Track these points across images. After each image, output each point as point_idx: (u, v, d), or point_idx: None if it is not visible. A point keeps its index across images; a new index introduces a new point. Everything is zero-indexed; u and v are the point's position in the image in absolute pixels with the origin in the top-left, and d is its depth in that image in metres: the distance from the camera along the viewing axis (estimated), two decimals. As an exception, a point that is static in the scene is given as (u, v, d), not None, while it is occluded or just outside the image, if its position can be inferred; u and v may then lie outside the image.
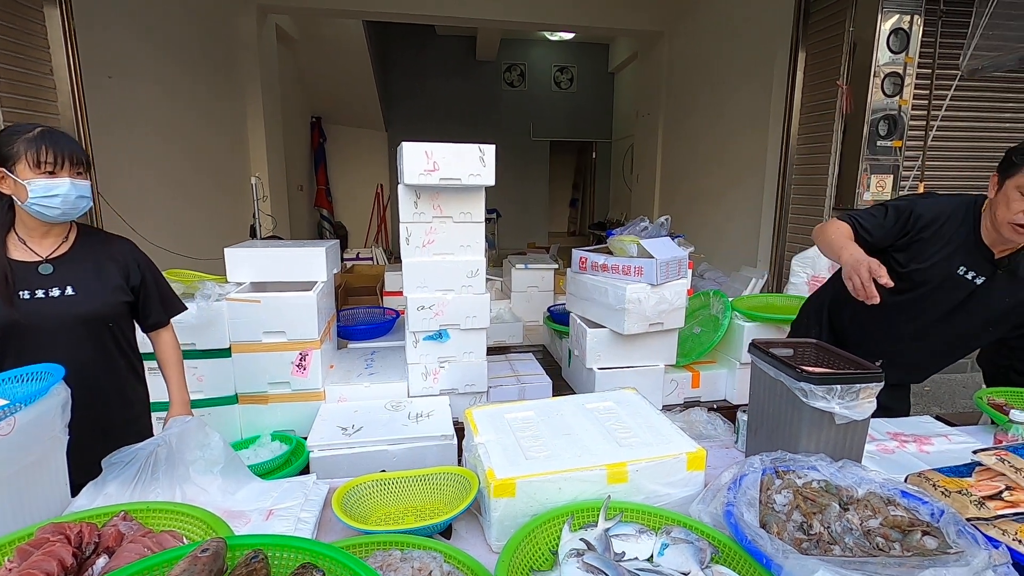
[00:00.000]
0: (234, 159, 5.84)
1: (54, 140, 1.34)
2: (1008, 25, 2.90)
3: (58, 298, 1.37)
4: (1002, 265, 1.52)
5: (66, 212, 1.36)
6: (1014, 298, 1.54)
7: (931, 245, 1.56)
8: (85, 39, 3.20)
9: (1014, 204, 1.40)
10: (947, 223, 1.55)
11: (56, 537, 0.88)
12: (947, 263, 1.55)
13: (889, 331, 1.68)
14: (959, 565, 0.81)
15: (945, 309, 1.58)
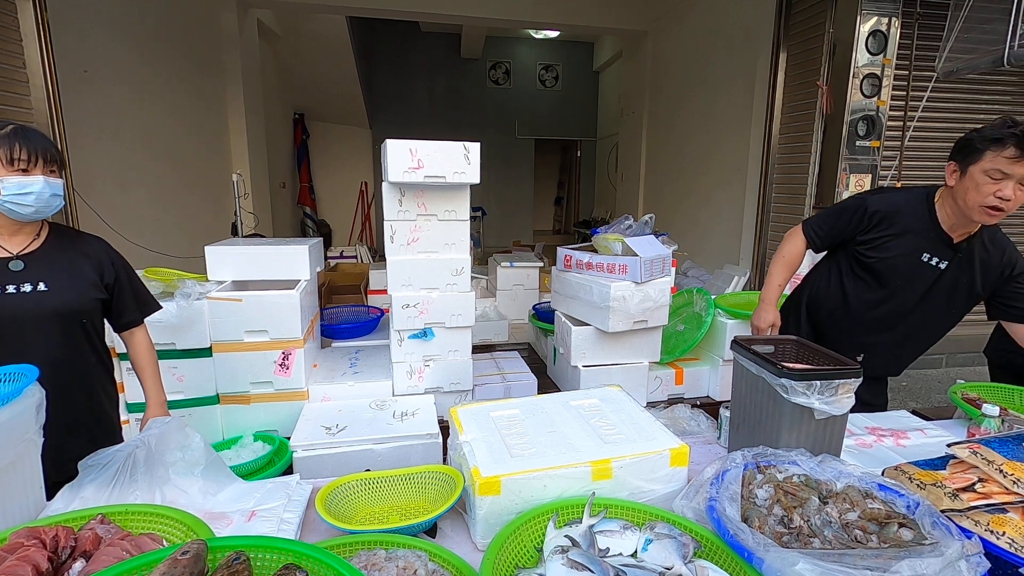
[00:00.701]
0: (215, 156, 5.75)
1: (27, 137, 1.32)
2: (982, 28, 2.97)
3: (29, 293, 1.35)
4: (961, 249, 1.60)
5: (39, 210, 1.34)
6: (970, 277, 1.63)
7: (894, 237, 1.64)
8: (60, 32, 3.12)
9: (984, 188, 1.46)
10: (905, 214, 1.65)
11: (31, 542, 0.86)
12: (912, 252, 1.63)
13: (864, 323, 1.73)
14: (934, 556, 0.83)
15: (914, 296, 1.65)
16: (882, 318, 1.71)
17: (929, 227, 1.61)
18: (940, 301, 1.66)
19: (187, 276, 2.33)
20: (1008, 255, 1.63)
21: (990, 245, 1.63)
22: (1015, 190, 1.44)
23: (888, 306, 1.69)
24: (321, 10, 6.56)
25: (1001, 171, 1.44)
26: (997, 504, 1.01)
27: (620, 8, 6.83)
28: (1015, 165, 1.42)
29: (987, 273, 1.62)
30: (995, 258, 1.62)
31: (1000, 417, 1.45)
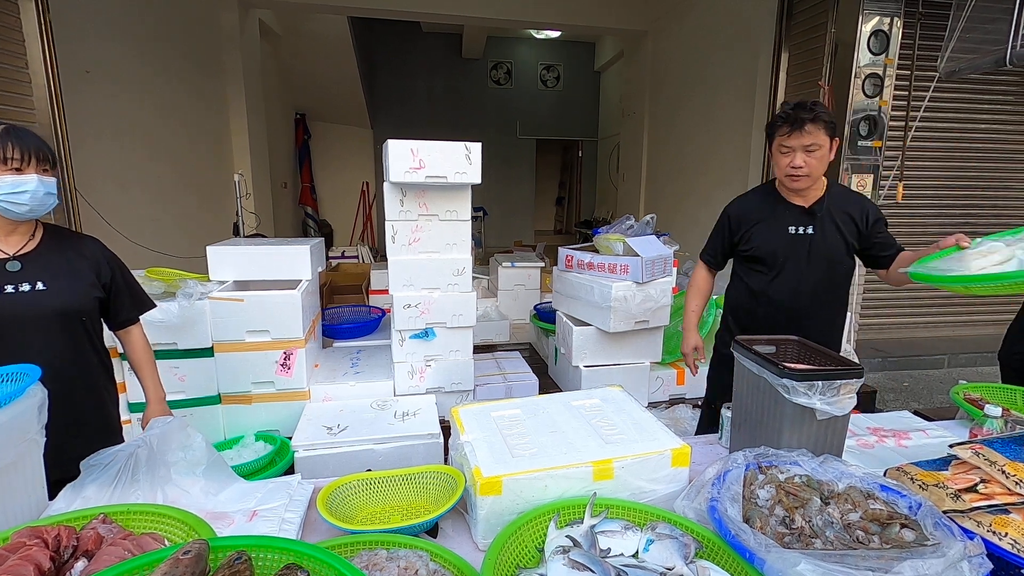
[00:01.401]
0: (216, 156, 5.75)
1: (20, 137, 1.32)
2: (984, 28, 2.96)
3: (28, 293, 1.36)
4: (816, 211, 1.80)
5: (34, 209, 1.34)
6: (839, 233, 1.81)
7: (756, 225, 1.86)
8: (61, 33, 3.12)
9: (781, 161, 1.75)
10: (757, 206, 1.89)
11: (33, 541, 0.86)
12: (779, 230, 1.83)
13: (774, 305, 1.87)
14: (935, 556, 0.83)
15: (800, 265, 1.83)
16: (786, 294, 1.85)
17: (782, 205, 1.84)
18: (824, 262, 1.82)
19: (189, 276, 2.33)
20: (863, 206, 1.84)
21: (845, 202, 1.83)
22: (803, 158, 1.70)
23: (784, 281, 1.84)
24: (322, 10, 6.56)
25: (785, 146, 1.72)
26: (999, 505, 1.01)
27: (621, 8, 6.83)
28: (792, 139, 1.70)
29: (850, 225, 1.81)
30: (853, 211, 1.82)
31: (1002, 418, 1.45)
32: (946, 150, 4.46)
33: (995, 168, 4.57)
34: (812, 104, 1.70)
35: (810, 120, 1.67)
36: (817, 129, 1.68)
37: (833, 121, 1.71)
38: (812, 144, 1.69)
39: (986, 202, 4.63)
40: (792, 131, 1.69)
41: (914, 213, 4.51)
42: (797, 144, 1.70)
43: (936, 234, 4.57)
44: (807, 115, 1.67)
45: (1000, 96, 4.46)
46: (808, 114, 1.67)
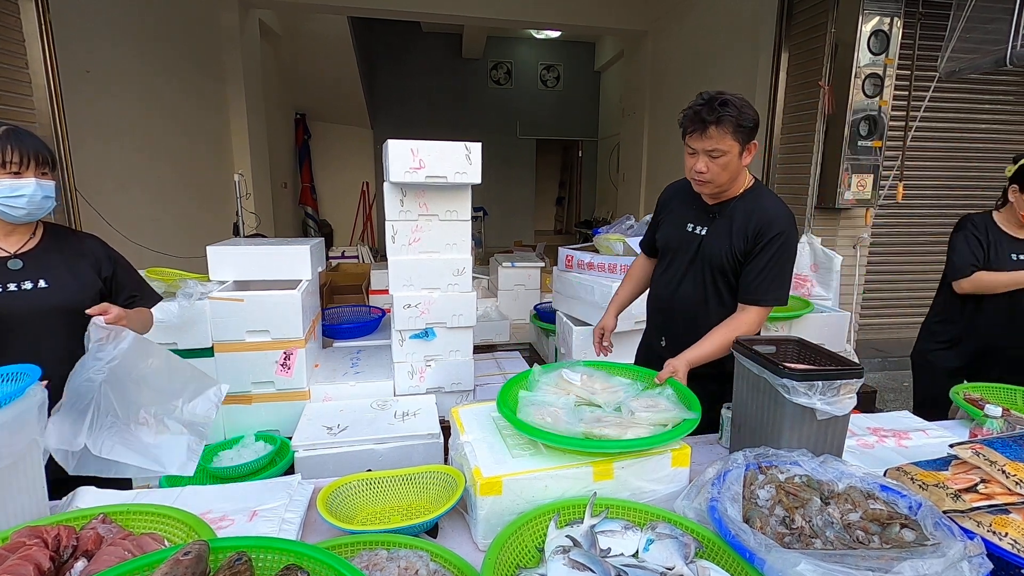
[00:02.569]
0: (216, 156, 5.76)
1: (20, 139, 1.32)
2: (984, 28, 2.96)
3: (31, 291, 1.36)
4: (714, 212, 1.66)
5: (31, 213, 1.35)
6: (728, 240, 1.62)
7: (669, 214, 1.79)
8: (61, 32, 3.12)
9: (687, 162, 1.58)
10: (678, 194, 1.79)
11: (32, 541, 0.86)
12: (679, 223, 1.74)
13: (659, 299, 1.80)
14: (935, 556, 0.83)
15: (684, 261, 1.72)
16: (668, 290, 1.75)
17: (693, 200, 1.71)
18: (706, 267, 1.66)
19: (189, 276, 2.33)
20: (762, 223, 1.56)
21: (751, 211, 1.60)
22: (706, 163, 1.52)
23: (668, 277, 1.75)
24: (322, 10, 6.57)
25: (691, 147, 1.54)
26: (999, 505, 1.01)
27: (621, 8, 6.83)
28: (695, 141, 1.51)
29: (740, 237, 1.59)
30: (751, 224, 1.58)
31: (1003, 418, 1.45)
32: (946, 150, 4.46)
33: (995, 168, 4.57)
34: (721, 103, 1.45)
35: (713, 123, 1.45)
36: (722, 133, 1.46)
37: (748, 124, 1.48)
38: (715, 150, 1.49)
39: (986, 202, 4.62)
40: (695, 131, 1.50)
41: (914, 213, 4.51)
42: (700, 147, 1.51)
43: (936, 234, 4.57)
44: (710, 117, 1.45)
45: (1000, 96, 4.46)
46: (711, 116, 1.45)
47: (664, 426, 1.25)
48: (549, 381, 1.42)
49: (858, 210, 4.11)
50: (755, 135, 1.54)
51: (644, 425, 1.24)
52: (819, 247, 3.78)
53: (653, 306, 1.85)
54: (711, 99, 1.47)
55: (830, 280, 3.68)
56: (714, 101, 1.46)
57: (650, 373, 1.52)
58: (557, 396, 1.35)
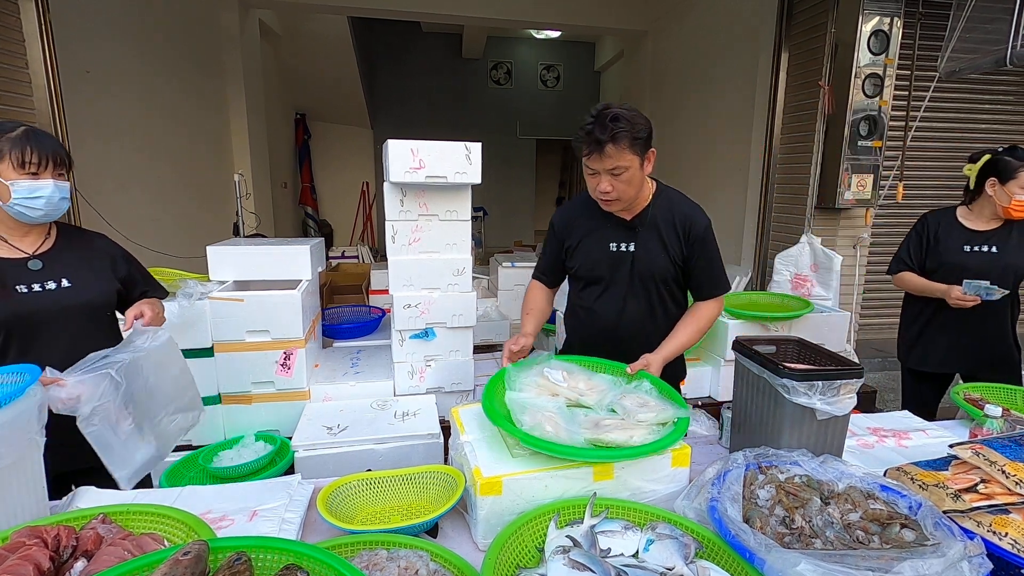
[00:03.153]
0: (216, 156, 5.75)
1: (39, 140, 1.33)
2: (985, 28, 2.96)
3: (55, 290, 1.38)
4: (635, 226, 1.61)
5: (48, 214, 1.36)
6: (660, 248, 1.61)
7: (580, 244, 1.66)
8: (61, 33, 3.12)
9: (590, 183, 1.53)
10: (580, 218, 1.67)
11: (32, 541, 0.86)
12: (600, 245, 1.64)
13: (604, 323, 1.69)
14: (935, 556, 0.83)
15: (622, 283, 1.64)
16: (612, 314, 1.67)
17: (604, 218, 1.63)
18: (648, 283, 1.63)
19: (189, 276, 2.33)
20: (690, 219, 1.62)
21: (672, 213, 1.62)
22: (609, 182, 1.48)
23: (609, 301, 1.66)
24: (322, 10, 6.56)
25: (591, 168, 1.49)
26: (999, 505, 1.01)
27: (621, 8, 6.83)
28: (595, 162, 1.46)
29: (674, 240, 1.61)
30: (679, 224, 1.61)
31: (1002, 418, 1.45)
32: (946, 150, 4.45)
33: (995, 168, 4.57)
34: (613, 119, 1.40)
35: (609, 141, 1.41)
36: (619, 150, 1.42)
37: (643, 135, 1.46)
38: (616, 167, 1.45)
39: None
40: (592, 152, 1.44)
41: (914, 213, 4.48)
42: (600, 167, 1.46)
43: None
44: (604, 136, 1.40)
45: (1001, 96, 4.45)
46: (605, 134, 1.40)
47: (663, 425, 1.25)
48: (528, 380, 1.39)
49: (858, 210, 4.11)
50: (651, 143, 1.52)
51: (645, 426, 1.24)
52: (819, 247, 3.77)
53: (596, 335, 1.71)
54: (600, 116, 1.42)
55: (830, 280, 3.68)
56: (604, 118, 1.41)
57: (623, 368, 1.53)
58: (545, 398, 1.34)
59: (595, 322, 1.70)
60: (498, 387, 1.36)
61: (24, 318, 1.33)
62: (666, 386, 1.43)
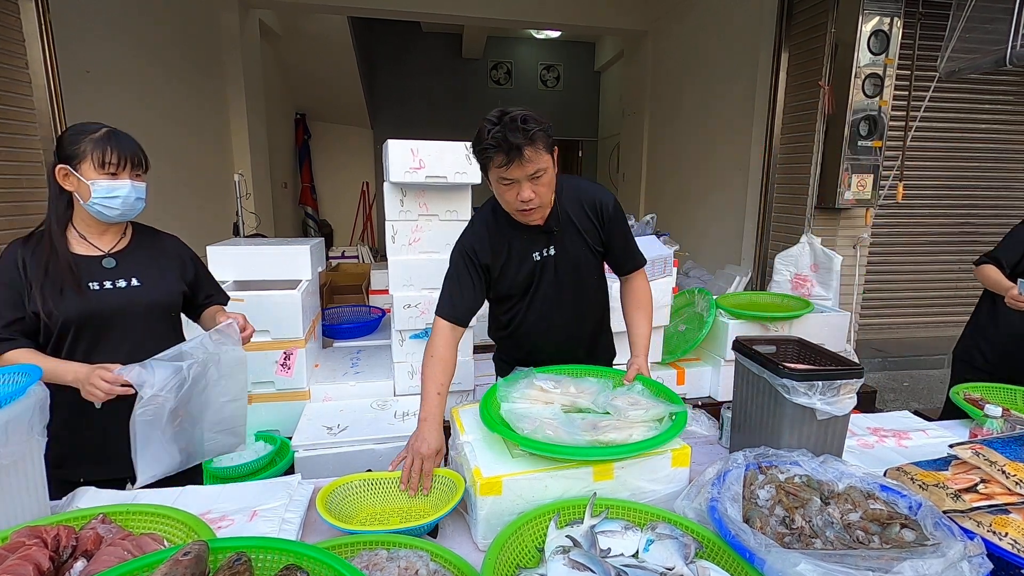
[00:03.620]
0: (216, 156, 5.75)
1: (119, 142, 1.37)
2: (984, 28, 2.96)
3: (126, 288, 1.40)
4: (549, 228, 1.53)
5: (124, 213, 1.38)
6: (579, 240, 1.57)
7: (505, 263, 1.56)
8: (62, 33, 3.12)
9: (507, 195, 1.41)
10: (494, 241, 1.55)
11: (32, 541, 0.86)
12: (523, 261, 1.55)
13: (535, 336, 1.65)
14: (935, 556, 0.83)
15: (548, 288, 1.59)
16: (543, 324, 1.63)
17: (517, 231, 1.53)
18: (573, 279, 1.60)
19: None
20: (597, 200, 1.57)
21: (578, 200, 1.57)
22: (530, 188, 1.38)
23: (535, 312, 1.61)
24: (322, 10, 6.56)
25: (507, 179, 1.37)
26: (999, 505, 1.01)
27: (621, 8, 6.83)
28: (513, 170, 1.34)
29: (589, 226, 1.57)
30: (588, 208, 1.57)
31: (1003, 418, 1.45)
32: (946, 150, 4.45)
33: (995, 168, 4.57)
34: (523, 120, 1.31)
35: (527, 144, 1.31)
36: (537, 152, 1.34)
37: (550, 132, 1.38)
38: (536, 171, 1.36)
39: (986, 202, 4.63)
40: (511, 160, 1.32)
41: (914, 213, 4.51)
42: (520, 175, 1.35)
43: (936, 234, 4.57)
44: (521, 139, 1.29)
45: (1000, 96, 4.46)
46: (521, 137, 1.29)
47: (660, 421, 1.25)
48: (519, 393, 1.37)
49: (858, 210, 4.11)
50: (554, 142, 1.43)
51: (642, 424, 1.24)
52: (819, 247, 3.78)
53: (531, 342, 1.65)
54: (509, 120, 1.31)
55: (830, 280, 3.68)
56: (515, 120, 1.30)
57: (613, 372, 1.54)
58: (540, 407, 1.34)
59: (528, 334, 1.65)
60: (492, 400, 1.35)
61: (95, 315, 1.36)
62: (659, 385, 1.43)
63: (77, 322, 1.34)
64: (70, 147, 1.33)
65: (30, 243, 1.35)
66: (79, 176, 1.32)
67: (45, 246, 1.34)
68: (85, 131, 1.35)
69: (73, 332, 1.35)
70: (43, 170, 3.06)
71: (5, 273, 1.31)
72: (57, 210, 1.37)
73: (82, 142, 1.33)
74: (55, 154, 1.35)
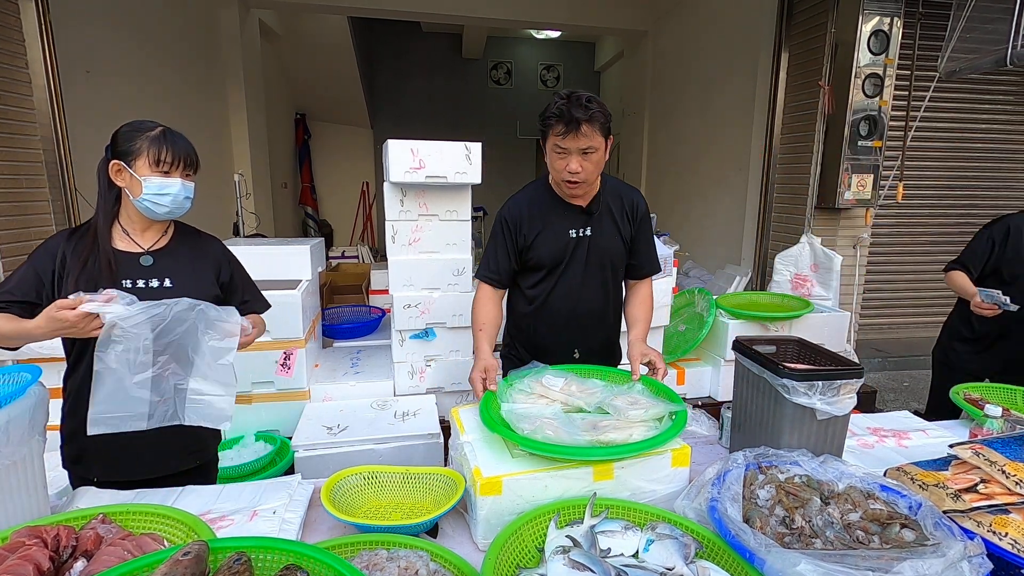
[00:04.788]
0: (216, 155, 5.75)
1: (173, 141, 1.38)
2: (984, 28, 2.96)
3: (156, 289, 1.39)
4: (592, 210, 1.64)
5: (172, 211, 1.39)
6: (614, 229, 1.68)
7: (539, 235, 1.65)
8: (62, 33, 3.12)
9: (556, 163, 1.53)
10: (534, 208, 1.66)
11: (32, 541, 0.86)
12: (560, 234, 1.64)
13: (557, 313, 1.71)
14: (935, 556, 0.83)
15: (578, 266, 1.67)
16: (567, 301, 1.69)
17: (560, 206, 1.65)
18: (602, 264, 1.69)
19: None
20: (634, 200, 1.71)
21: (618, 196, 1.69)
22: (579, 162, 1.49)
23: (564, 288, 1.69)
24: (322, 10, 6.56)
25: (561, 147, 1.49)
26: (999, 505, 1.01)
27: (621, 8, 6.83)
28: (569, 141, 1.47)
29: (624, 221, 1.69)
30: (627, 205, 1.69)
31: (1003, 418, 1.45)
32: (946, 150, 4.45)
33: (995, 168, 4.58)
34: (588, 100, 1.46)
35: (586, 120, 1.44)
36: (593, 131, 1.46)
37: (609, 120, 1.51)
38: (589, 147, 1.48)
39: (986, 202, 4.63)
40: (568, 131, 1.45)
41: (914, 213, 4.51)
42: (573, 146, 1.48)
43: (936, 234, 4.57)
44: (582, 115, 1.43)
45: (1000, 96, 4.46)
46: (583, 113, 1.44)
47: (659, 420, 1.26)
48: (519, 391, 1.39)
49: (858, 210, 4.11)
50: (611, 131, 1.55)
51: (642, 423, 1.24)
52: (819, 247, 3.78)
53: (553, 322, 1.71)
54: (575, 96, 1.45)
55: (830, 280, 3.68)
56: (580, 98, 1.45)
57: (617, 372, 1.55)
58: (540, 406, 1.34)
59: (553, 309, 1.71)
60: (492, 401, 1.36)
61: None
62: (660, 385, 1.44)
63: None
64: (125, 144, 1.35)
65: (75, 236, 1.36)
66: (132, 172, 1.33)
67: (89, 240, 1.35)
68: (141, 129, 1.38)
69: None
70: (43, 170, 3.06)
71: (39, 258, 1.33)
72: (106, 205, 1.38)
73: (138, 139, 1.35)
74: (108, 149, 1.37)
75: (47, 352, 2.05)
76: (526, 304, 1.75)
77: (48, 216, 3.09)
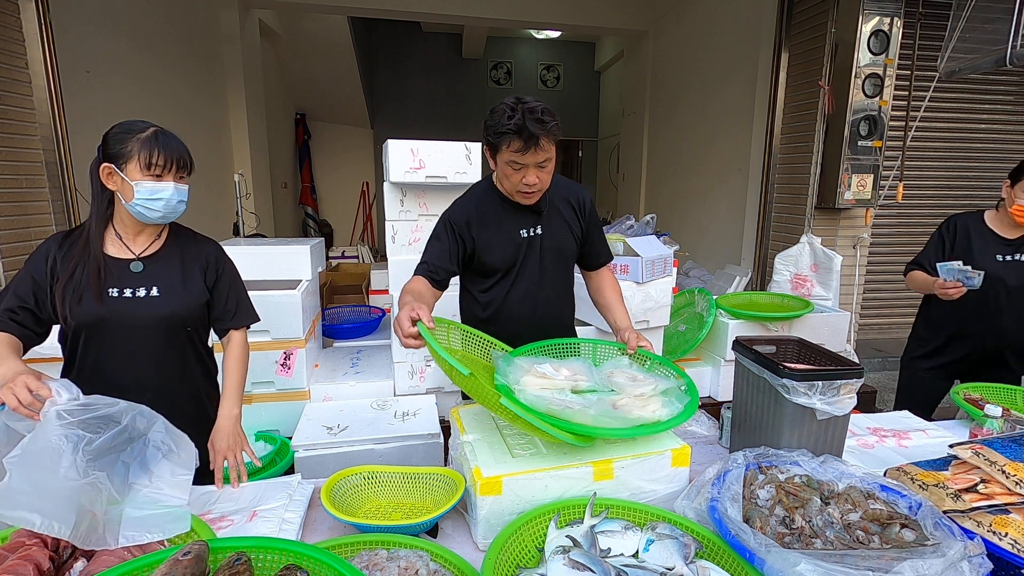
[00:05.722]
0: (216, 155, 5.75)
1: (166, 143, 1.33)
2: (984, 28, 2.96)
3: (143, 298, 1.36)
4: (540, 208, 1.64)
5: (166, 215, 1.35)
6: (565, 225, 1.70)
7: (491, 235, 1.63)
8: (62, 33, 3.12)
9: (512, 177, 1.52)
10: (482, 210, 1.64)
11: (32, 541, 0.86)
12: (510, 237, 1.64)
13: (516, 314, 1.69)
14: (935, 556, 0.83)
15: (533, 266, 1.68)
16: (525, 302, 1.69)
17: (509, 207, 1.63)
18: (555, 261, 1.70)
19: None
20: (579, 196, 1.73)
21: (564, 192, 1.71)
22: (536, 174, 1.50)
23: (520, 289, 1.68)
24: (322, 10, 6.56)
25: (518, 163, 1.48)
26: (999, 505, 1.01)
27: (621, 8, 6.83)
28: (528, 156, 1.46)
29: (572, 216, 1.70)
30: (573, 201, 1.70)
31: (1003, 418, 1.45)
32: (946, 150, 4.46)
33: (995, 168, 4.58)
34: (543, 112, 1.46)
35: (545, 135, 1.45)
36: (550, 144, 1.48)
37: (559, 126, 1.53)
38: (546, 160, 1.49)
39: (986, 202, 4.62)
40: (527, 147, 1.45)
41: (914, 213, 4.51)
42: (531, 161, 1.48)
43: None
44: (540, 130, 1.44)
45: (1000, 96, 4.46)
46: (541, 129, 1.44)
47: (667, 393, 1.26)
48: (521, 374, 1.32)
49: (858, 210, 4.11)
50: None
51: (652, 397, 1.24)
52: (819, 247, 3.77)
53: (514, 327, 1.66)
54: (528, 110, 1.43)
55: (830, 280, 3.68)
56: (535, 111, 1.44)
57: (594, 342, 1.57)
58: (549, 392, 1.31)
59: (512, 313, 1.69)
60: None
61: (106, 323, 1.32)
62: (653, 355, 1.46)
63: (88, 328, 1.31)
64: (116, 146, 1.30)
65: (67, 242, 1.33)
66: (123, 176, 1.28)
67: (80, 245, 1.31)
68: (132, 130, 1.32)
69: (84, 337, 1.32)
70: (43, 170, 3.06)
71: (33, 264, 1.30)
72: (99, 208, 1.34)
73: (129, 141, 1.30)
74: (99, 151, 1.32)
75: (48, 352, 2.04)
76: (482, 310, 1.72)
77: (48, 216, 3.09)
